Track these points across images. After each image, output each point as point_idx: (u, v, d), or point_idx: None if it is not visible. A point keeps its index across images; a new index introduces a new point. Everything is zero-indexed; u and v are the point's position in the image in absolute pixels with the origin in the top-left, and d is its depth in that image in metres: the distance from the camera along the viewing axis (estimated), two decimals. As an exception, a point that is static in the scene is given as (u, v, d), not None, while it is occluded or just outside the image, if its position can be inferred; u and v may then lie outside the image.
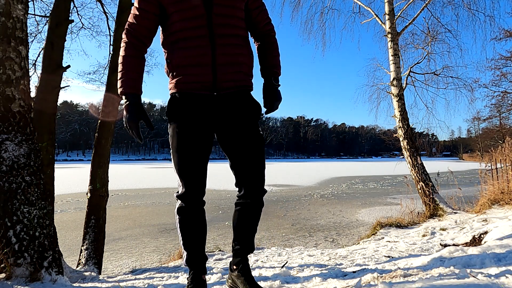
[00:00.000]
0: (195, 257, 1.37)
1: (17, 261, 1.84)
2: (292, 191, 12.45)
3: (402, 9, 6.42)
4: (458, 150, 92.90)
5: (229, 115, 1.34)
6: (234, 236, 1.50)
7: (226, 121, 1.35)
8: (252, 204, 1.41)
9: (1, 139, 1.95)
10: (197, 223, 1.37)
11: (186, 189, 1.30)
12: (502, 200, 4.18)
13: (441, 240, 3.12)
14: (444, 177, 7.90)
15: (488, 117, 24.50)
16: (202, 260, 1.40)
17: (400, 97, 5.95)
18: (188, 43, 1.25)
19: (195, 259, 1.37)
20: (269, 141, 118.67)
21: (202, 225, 1.39)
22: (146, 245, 4.97)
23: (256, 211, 1.43)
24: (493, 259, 1.57)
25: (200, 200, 1.35)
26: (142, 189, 12.88)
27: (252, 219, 1.45)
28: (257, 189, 1.39)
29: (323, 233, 5.53)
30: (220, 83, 1.29)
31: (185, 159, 1.30)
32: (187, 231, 1.37)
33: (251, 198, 1.40)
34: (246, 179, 1.38)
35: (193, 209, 1.34)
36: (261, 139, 1.41)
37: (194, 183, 1.31)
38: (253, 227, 1.48)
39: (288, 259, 2.80)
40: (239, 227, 1.47)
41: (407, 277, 1.48)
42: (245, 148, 1.35)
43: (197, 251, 1.38)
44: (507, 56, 18.63)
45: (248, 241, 1.48)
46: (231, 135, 1.36)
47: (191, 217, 1.35)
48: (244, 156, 1.36)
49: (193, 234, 1.37)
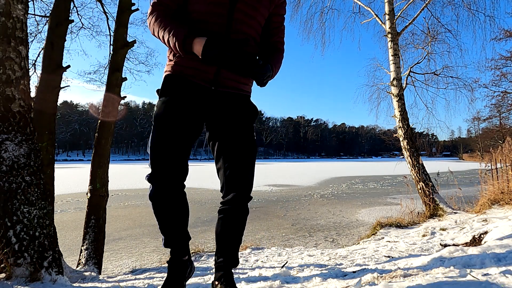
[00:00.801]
0: (174, 240, 1.27)
1: (17, 261, 1.84)
2: (292, 191, 12.46)
3: (402, 9, 6.42)
4: (458, 150, 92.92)
5: (225, 114, 1.28)
6: (217, 248, 1.36)
7: (221, 119, 1.29)
8: (238, 210, 1.32)
9: (1, 139, 1.95)
10: (173, 208, 1.24)
11: (156, 169, 1.19)
12: (502, 200, 4.18)
13: (441, 240, 3.12)
14: (444, 177, 7.91)
15: (488, 117, 24.53)
16: (183, 241, 1.28)
17: (400, 97, 5.95)
18: (201, 26, 1.19)
19: (173, 242, 1.27)
20: (269, 141, 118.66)
21: (180, 210, 1.26)
22: (146, 245, 4.97)
23: (241, 218, 1.34)
24: (493, 259, 1.57)
25: (175, 183, 1.21)
26: (142, 189, 12.88)
27: (237, 228, 1.35)
28: (244, 195, 1.31)
29: (323, 233, 5.53)
30: (222, 79, 1.23)
31: (166, 135, 1.18)
32: (163, 218, 1.26)
33: (237, 204, 1.30)
34: (234, 183, 1.29)
35: (167, 192, 1.21)
36: (254, 144, 1.36)
37: (169, 162, 1.18)
38: (238, 237, 1.36)
39: (288, 259, 2.80)
40: (223, 237, 1.34)
41: (407, 277, 1.48)
42: (238, 151, 1.29)
43: (176, 235, 1.27)
44: (507, 56, 18.66)
45: (233, 253, 1.35)
46: (224, 135, 1.30)
47: (166, 202, 1.22)
48: (236, 159, 1.29)
49: (171, 220, 1.25)
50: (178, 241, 1.27)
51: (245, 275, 2.11)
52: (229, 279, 1.29)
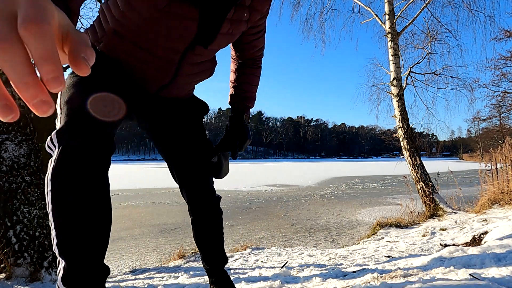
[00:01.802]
0: (85, 248, 0.75)
1: (17, 261, 1.85)
2: (292, 191, 12.46)
3: (402, 9, 6.42)
4: (458, 150, 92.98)
5: (165, 112, 1.10)
6: (201, 256, 1.26)
7: (161, 118, 1.11)
8: (209, 219, 1.21)
9: (1, 139, 1.95)
10: (95, 190, 0.76)
11: (71, 120, 0.76)
12: (502, 200, 4.18)
13: (441, 240, 3.12)
14: (444, 177, 7.91)
15: (488, 117, 24.56)
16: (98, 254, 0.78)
17: (400, 97, 5.95)
18: (151, 47, 0.90)
19: (84, 251, 0.74)
20: (269, 141, 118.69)
21: (104, 198, 0.79)
22: (146, 245, 4.97)
23: (215, 223, 1.23)
24: (493, 259, 1.57)
25: (102, 146, 0.78)
26: (142, 189, 12.88)
27: (214, 233, 1.24)
28: (209, 205, 1.19)
29: (323, 233, 5.53)
30: (160, 93, 1.06)
31: (85, 84, 0.83)
32: (65, 205, 0.73)
33: (206, 214, 1.20)
34: (195, 200, 1.17)
35: (90, 157, 0.74)
36: (205, 147, 1.17)
37: (94, 117, 0.77)
38: (219, 239, 1.26)
39: (288, 259, 2.80)
40: (204, 246, 1.24)
41: (407, 277, 1.48)
42: (188, 165, 1.13)
43: (85, 254, 0.74)
44: (507, 56, 18.67)
45: (218, 255, 1.26)
46: (168, 135, 1.13)
47: (86, 176, 0.73)
48: (188, 176, 1.14)
49: (88, 212, 0.74)
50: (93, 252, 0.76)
51: (245, 275, 2.11)
52: (224, 280, 1.25)
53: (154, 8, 0.82)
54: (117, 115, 0.88)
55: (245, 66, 1.24)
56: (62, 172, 0.72)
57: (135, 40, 0.90)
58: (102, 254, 0.79)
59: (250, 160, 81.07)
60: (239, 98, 1.24)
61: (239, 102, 1.25)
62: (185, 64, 0.97)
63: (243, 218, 6.96)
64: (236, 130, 1.20)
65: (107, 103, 0.84)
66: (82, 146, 0.74)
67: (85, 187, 0.74)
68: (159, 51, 0.91)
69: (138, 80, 0.99)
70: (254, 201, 9.61)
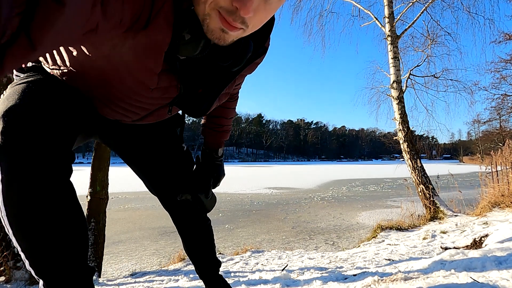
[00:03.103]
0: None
1: (17, 264, 1.84)
2: (292, 193, 12.44)
3: (401, 12, 6.45)
4: (458, 152, 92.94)
5: (130, 128, 0.97)
6: (194, 264, 1.22)
7: (125, 134, 0.98)
8: (198, 229, 1.15)
9: (2, 142, 1.95)
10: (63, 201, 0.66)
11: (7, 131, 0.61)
12: (503, 203, 4.17)
13: (442, 243, 3.11)
14: (445, 180, 7.91)
15: (488, 120, 24.61)
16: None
17: (400, 100, 5.96)
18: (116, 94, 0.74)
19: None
20: (269, 144, 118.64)
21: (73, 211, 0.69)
22: (146, 248, 4.96)
23: (205, 232, 1.17)
24: (494, 262, 1.56)
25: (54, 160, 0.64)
26: (142, 192, 12.86)
27: (205, 242, 1.18)
28: (189, 214, 1.11)
29: (323, 236, 5.52)
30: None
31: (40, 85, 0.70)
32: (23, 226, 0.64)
33: (194, 224, 1.14)
34: (170, 208, 1.09)
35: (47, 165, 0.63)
36: (182, 156, 1.06)
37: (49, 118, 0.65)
38: (209, 247, 1.20)
39: (288, 262, 2.79)
40: (194, 255, 1.19)
41: (407, 280, 1.47)
42: (158, 170, 1.02)
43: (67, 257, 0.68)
44: (507, 59, 18.71)
45: (209, 262, 1.20)
46: (135, 151, 1.02)
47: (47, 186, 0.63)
48: (158, 180, 1.04)
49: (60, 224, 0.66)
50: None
51: (245, 278, 2.10)
52: (221, 285, 1.22)
53: (142, 87, 0.69)
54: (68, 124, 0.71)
55: (223, 104, 1.08)
56: (12, 193, 0.62)
57: (105, 91, 0.74)
58: (83, 260, 0.73)
59: (250, 163, 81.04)
60: (214, 132, 1.14)
61: (213, 137, 1.15)
62: (156, 113, 0.85)
63: (243, 221, 6.95)
64: (210, 168, 1.12)
65: (55, 109, 0.68)
66: (26, 161, 0.61)
67: (42, 203, 0.63)
68: (128, 100, 0.76)
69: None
70: (254, 204, 9.60)
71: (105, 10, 0.49)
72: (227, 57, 0.68)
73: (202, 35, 0.61)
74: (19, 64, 0.42)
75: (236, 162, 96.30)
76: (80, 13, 0.46)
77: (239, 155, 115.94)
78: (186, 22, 0.60)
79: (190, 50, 0.63)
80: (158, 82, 0.69)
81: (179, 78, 0.72)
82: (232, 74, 0.75)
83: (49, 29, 0.42)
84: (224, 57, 0.68)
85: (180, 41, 0.62)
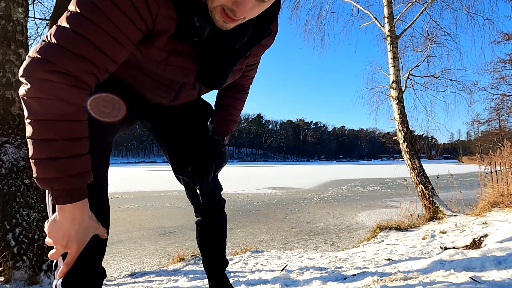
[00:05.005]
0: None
1: (16, 264, 1.84)
2: (291, 193, 12.44)
3: (401, 12, 6.46)
4: (457, 152, 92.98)
5: (167, 112, 1.14)
6: (202, 256, 1.29)
7: (163, 118, 1.15)
8: (215, 221, 1.24)
9: (1, 142, 1.95)
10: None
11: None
12: (502, 203, 4.18)
13: (441, 243, 3.11)
14: (444, 180, 7.92)
15: (487, 120, 24.64)
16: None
17: (399, 100, 5.96)
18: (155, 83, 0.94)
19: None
20: (268, 143, 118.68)
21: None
22: (145, 248, 4.95)
23: (220, 227, 1.26)
24: (493, 262, 1.56)
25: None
26: (142, 192, 12.86)
27: (218, 237, 1.27)
28: (217, 207, 1.22)
29: (323, 236, 5.52)
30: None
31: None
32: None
33: (212, 216, 1.23)
34: (204, 199, 1.17)
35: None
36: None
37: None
38: (222, 243, 1.29)
39: (288, 262, 2.79)
40: (206, 249, 1.27)
41: (407, 280, 1.47)
42: (190, 150, 1.15)
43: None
44: (506, 59, 18.74)
45: (219, 259, 1.28)
46: (170, 133, 1.16)
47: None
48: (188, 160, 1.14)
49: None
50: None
51: (245, 278, 2.10)
52: (224, 284, 1.26)
53: (154, 62, 0.83)
54: (117, 116, 0.92)
55: (233, 89, 1.21)
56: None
57: (134, 74, 0.92)
58: (100, 257, 0.80)
59: (249, 163, 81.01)
60: (223, 120, 1.23)
61: (222, 124, 1.23)
62: (183, 91, 1.00)
63: (243, 221, 6.95)
64: (216, 154, 1.17)
65: (107, 104, 0.87)
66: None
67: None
68: (157, 83, 0.94)
69: (139, 94, 1.03)
70: (254, 204, 9.60)
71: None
72: (229, 37, 0.83)
73: (209, 21, 0.76)
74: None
75: (236, 162, 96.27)
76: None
77: (238, 155, 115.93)
78: (195, 11, 0.76)
79: (200, 32, 0.78)
80: (169, 60, 0.83)
81: (195, 58, 0.85)
82: (238, 52, 0.88)
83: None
84: (227, 37, 0.83)
85: (192, 26, 0.77)
